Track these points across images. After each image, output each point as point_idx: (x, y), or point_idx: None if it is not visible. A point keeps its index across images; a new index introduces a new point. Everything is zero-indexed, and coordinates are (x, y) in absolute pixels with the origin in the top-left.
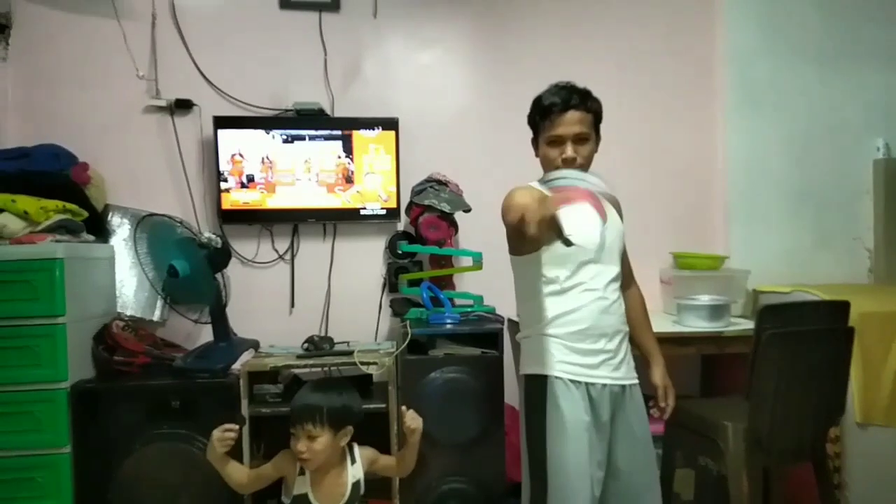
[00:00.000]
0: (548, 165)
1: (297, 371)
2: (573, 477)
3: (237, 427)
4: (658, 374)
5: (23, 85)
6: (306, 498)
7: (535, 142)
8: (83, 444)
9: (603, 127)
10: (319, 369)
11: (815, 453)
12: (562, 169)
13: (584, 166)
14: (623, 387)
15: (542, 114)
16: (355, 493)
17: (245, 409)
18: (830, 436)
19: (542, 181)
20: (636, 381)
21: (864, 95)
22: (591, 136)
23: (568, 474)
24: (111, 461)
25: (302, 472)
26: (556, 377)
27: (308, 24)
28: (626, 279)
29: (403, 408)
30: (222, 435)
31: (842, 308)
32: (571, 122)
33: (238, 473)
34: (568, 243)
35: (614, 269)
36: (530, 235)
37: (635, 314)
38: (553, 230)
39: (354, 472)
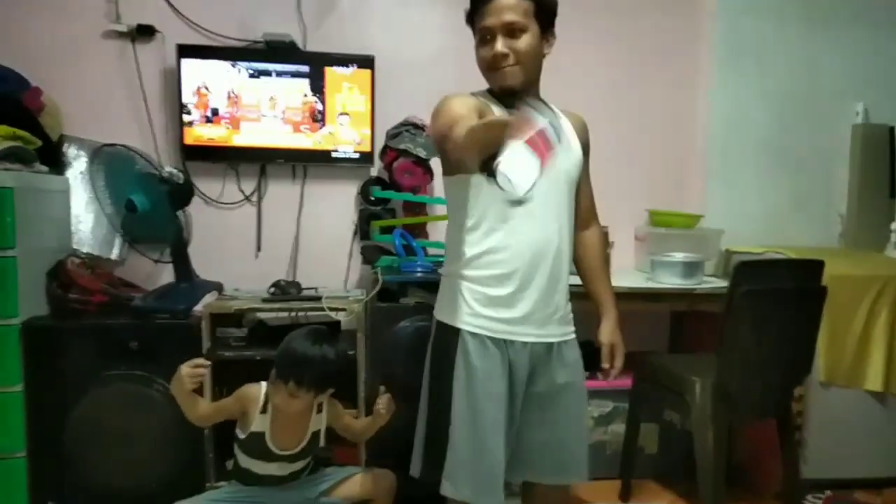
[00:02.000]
0: (484, 70)
1: (262, 315)
2: (478, 442)
3: (208, 363)
4: (606, 331)
5: None
6: (262, 437)
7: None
8: (36, 383)
9: (584, 78)
10: (286, 314)
11: (780, 410)
12: (496, 79)
13: (521, 65)
14: (549, 344)
15: (473, 4)
16: (313, 441)
17: (207, 352)
18: (794, 394)
19: (476, 96)
20: (570, 336)
21: (848, 59)
22: (527, 27)
23: (473, 440)
24: (65, 402)
25: (263, 411)
26: (471, 332)
27: None
28: (584, 217)
29: (382, 388)
30: (192, 371)
31: (816, 267)
32: (500, 9)
33: (201, 405)
34: (491, 174)
35: (560, 206)
36: (452, 156)
37: (589, 258)
38: (481, 159)
39: (317, 421)
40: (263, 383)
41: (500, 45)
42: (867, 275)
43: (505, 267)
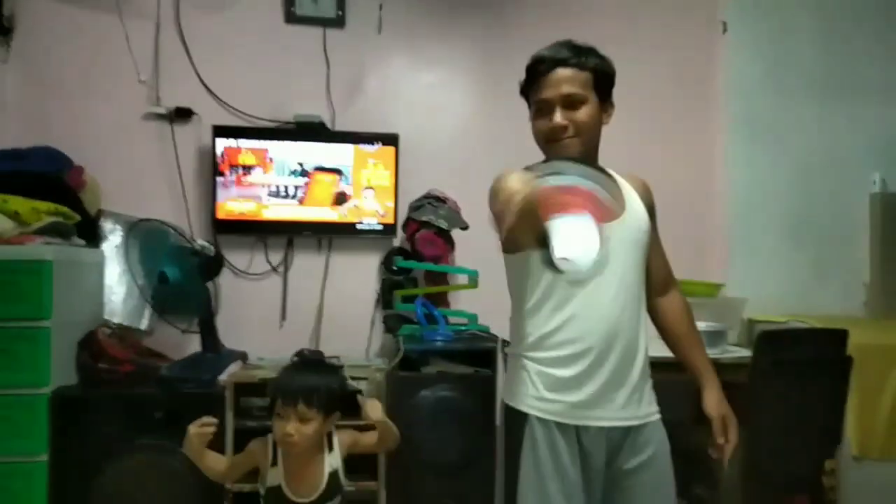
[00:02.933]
0: (541, 143)
1: None
2: None
3: (215, 420)
4: (712, 402)
5: (22, 87)
6: (280, 490)
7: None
8: (62, 453)
9: (604, 153)
10: None
11: (812, 485)
12: (554, 151)
13: (581, 137)
14: (628, 428)
15: (528, 76)
16: (333, 483)
17: (230, 422)
18: (826, 468)
19: (531, 170)
20: (652, 417)
21: (862, 130)
22: (587, 99)
23: None
24: (90, 472)
25: (274, 463)
26: (537, 418)
27: (312, 38)
28: (663, 283)
29: (359, 396)
30: (199, 430)
31: (839, 337)
32: (559, 81)
33: (217, 463)
34: (553, 267)
35: (627, 275)
36: (507, 233)
37: (676, 325)
38: (536, 240)
39: (332, 461)
40: (269, 435)
41: (559, 116)
42: (894, 344)
43: (574, 347)
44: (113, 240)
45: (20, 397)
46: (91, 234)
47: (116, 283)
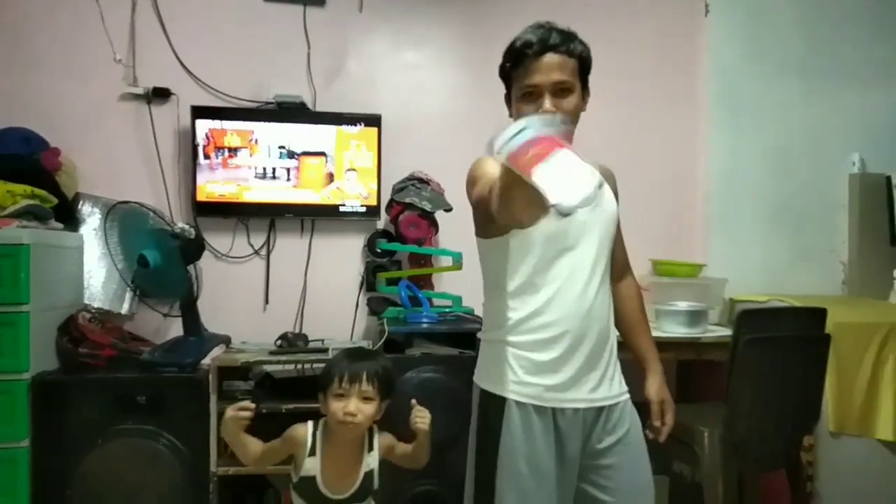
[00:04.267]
0: None
1: (268, 368)
2: None
3: (252, 405)
4: (654, 387)
5: None
6: (313, 482)
7: (509, 98)
8: (43, 438)
9: (584, 136)
10: (292, 366)
11: (789, 460)
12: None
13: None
14: (601, 408)
15: (514, 59)
16: (367, 483)
17: (213, 406)
18: (804, 444)
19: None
20: (623, 397)
21: (841, 112)
22: (574, 87)
23: None
24: (72, 457)
25: (312, 453)
26: (516, 402)
27: (292, 17)
28: (620, 269)
29: (412, 402)
30: (236, 414)
31: (818, 315)
32: (550, 67)
33: (253, 446)
34: (563, 212)
35: (599, 260)
36: (501, 215)
37: (629, 311)
38: (533, 204)
39: (370, 460)
40: (310, 423)
41: (549, 104)
42: (872, 322)
43: (552, 330)
44: (91, 223)
45: (0, 383)
46: (69, 218)
47: (96, 267)
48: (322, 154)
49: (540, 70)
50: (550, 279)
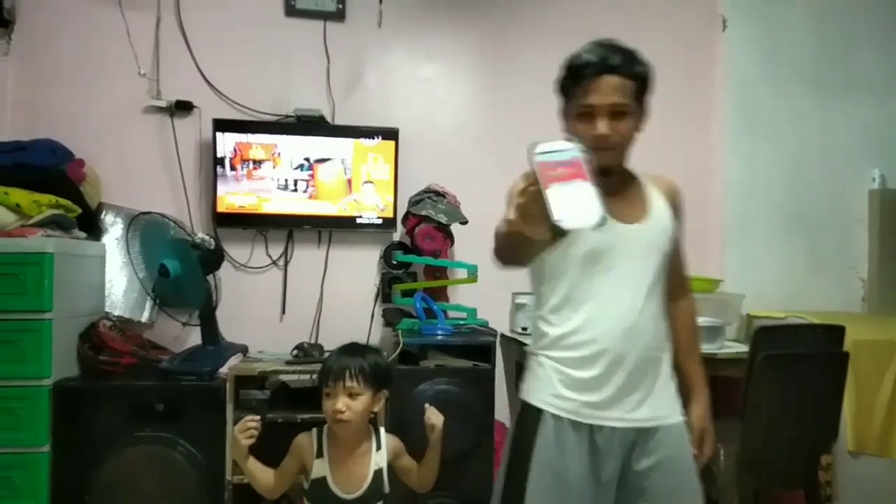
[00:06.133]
0: None
1: (284, 378)
2: None
3: (257, 418)
4: (696, 414)
5: (23, 80)
6: (325, 482)
7: (564, 111)
8: (63, 444)
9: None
10: (308, 376)
11: (807, 480)
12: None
13: (620, 148)
14: (639, 430)
15: (573, 76)
16: (377, 481)
17: (230, 414)
18: (822, 463)
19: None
20: (669, 420)
21: (860, 125)
22: (631, 110)
23: None
24: (91, 463)
25: (319, 455)
26: (552, 414)
27: (312, 32)
28: (677, 288)
29: (426, 405)
30: (243, 426)
31: (836, 333)
32: (608, 89)
33: (264, 474)
34: (559, 231)
35: (644, 279)
36: (519, 237)
37: (681, 334)
38: (541, 221)
39: (378, 459)
40: (314, 429)
41: (604, 126)
42: (892, 339)
43: (591, 348)
44: (114, 232)
45: (22, 389)
46: (92, 227)
47: (117, 276)
48: (339, 159)
49: (599, 90)
50: (591, 297)
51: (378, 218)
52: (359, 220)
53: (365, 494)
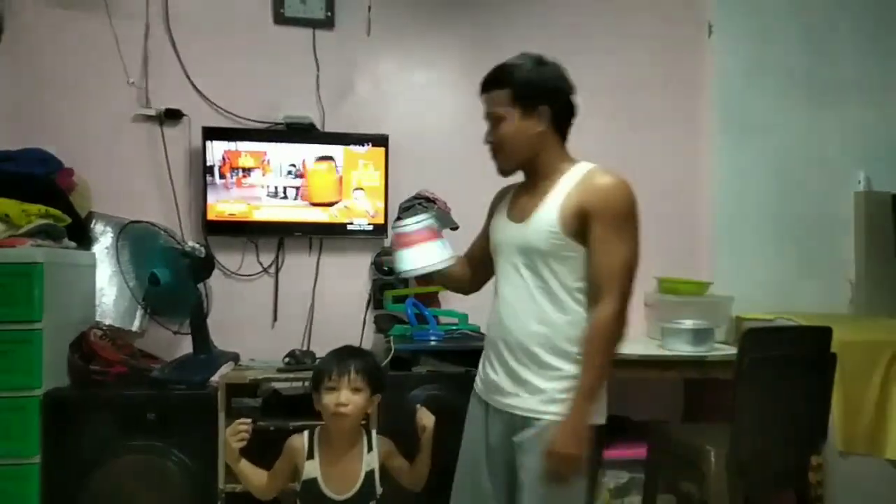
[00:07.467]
0: None
1: (276, 385)
2: (457, 488)
3: (248, 420)
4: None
5: (11, 89)
6: (315, 483)
7: None
8: (54, 454)
9: (591, 150)
10: (300, 383)
11: (798, 481)
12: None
13: (504, 152)
14: (513, 415)
15: None
16: (368, 482)
17: (222, 423)
18: (812, 464)
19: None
20: (538, 415)
21: (847, 129)
22: (505, 116)
23: (455, 486)
24: (82, 473)
25: (311, 456)
26: (474, 389)
27: (302, 39)
28: (592, 295)
29: (418, 406)
30: (234, 429)
31: (824, 334)
32: (484, 100)
33: (256, 475)
34: (398, 274)
35: (513, 276)
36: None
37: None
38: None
39: (369, 460)
40: (305, 431)
41: (487, 134)
42: (880, 340)
43: (487, 338)
44: (104, 241)
45: (12, 399)
46: (82, 236)
47: (107, 285)
48: (328, 159)
49: (483, 102)
50: (497, 287)
51: (369, 224)
52: (350, 227)
53: (356, 496)
